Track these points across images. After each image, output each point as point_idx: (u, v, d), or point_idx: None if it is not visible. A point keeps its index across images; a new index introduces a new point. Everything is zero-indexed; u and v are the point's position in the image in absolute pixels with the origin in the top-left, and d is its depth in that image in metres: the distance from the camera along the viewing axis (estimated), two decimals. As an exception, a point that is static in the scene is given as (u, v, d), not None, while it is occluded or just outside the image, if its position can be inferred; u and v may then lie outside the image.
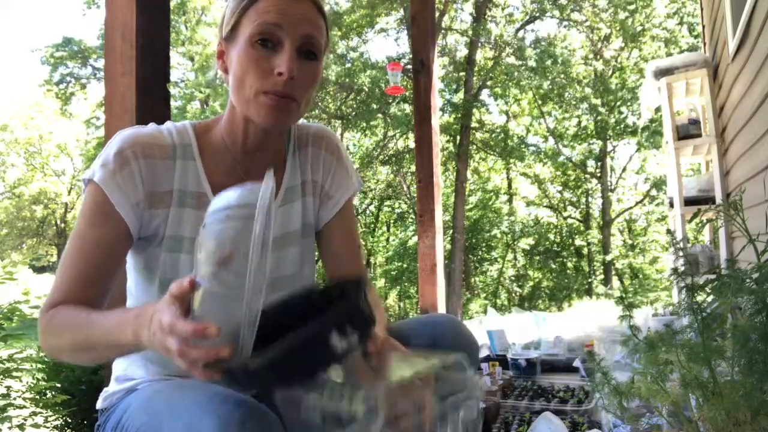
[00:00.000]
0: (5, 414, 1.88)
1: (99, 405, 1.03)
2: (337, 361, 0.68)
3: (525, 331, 3.66)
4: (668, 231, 1.45)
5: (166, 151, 0.95)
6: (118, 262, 0.94)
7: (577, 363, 2.65)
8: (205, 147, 0.99)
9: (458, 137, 14.89)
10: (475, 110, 15.36)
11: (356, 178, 1.15)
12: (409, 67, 4.26)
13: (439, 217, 3.67)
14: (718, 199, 3.40)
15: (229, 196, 0.71)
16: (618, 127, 15.65)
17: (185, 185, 0.96)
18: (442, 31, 14.12)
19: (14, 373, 2.05)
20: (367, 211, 18.89)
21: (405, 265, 16.35)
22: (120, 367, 1.03)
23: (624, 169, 18.23)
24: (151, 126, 0.98)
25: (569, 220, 18.79)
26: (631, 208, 18.01)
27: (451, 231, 14.19)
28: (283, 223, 1.05)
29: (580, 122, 16.78)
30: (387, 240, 19.46)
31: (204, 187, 0.97)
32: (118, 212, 0.90)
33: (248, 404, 0.73)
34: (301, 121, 1.05)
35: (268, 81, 0.90)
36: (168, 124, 0.99)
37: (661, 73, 3.76)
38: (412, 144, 13.71)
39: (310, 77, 0.93)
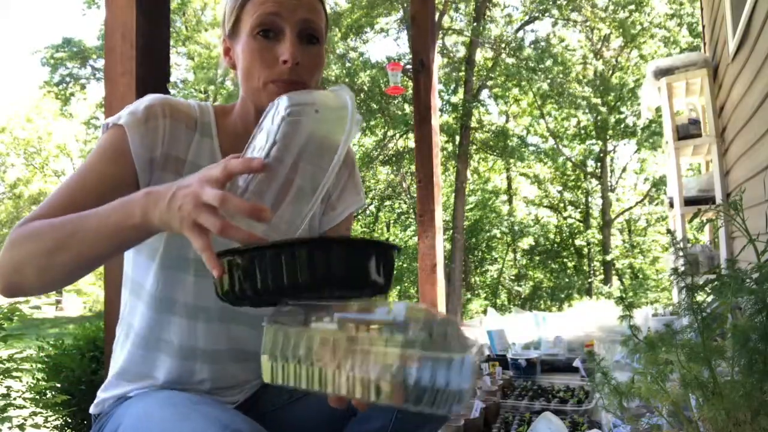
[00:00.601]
0: (5, 414, 1.88)
1: (92, 410, 1.02)
2: (357, 287, 0.65)
3: (525, 331, 3.66)
4: (668, 231, 1.45)
5: (190, 121, 0.98)
6: None
7: (577, 363, 2.65)
8: (221, 128, 1.02)
9: (458, 137, 14.88)
10: (474, 110, 15.35)
11: (363, 194, 1.17)
12: (409, 67, 4.26)
13: (439, 217, 3.67)
14: (718, 199, 3.40)
15: (283, 99, 0.73)
16: (618, 127, 15.64)
17: (199, 159, 0.97)
18: (442, 31, 14.12)
19: (14, 373, 2.05)
20: (367, 211, 18.87)
21: (405, 265, 16.32)
22: (116, 364, 1.01)
23: (624, 169, 18.24)
24: (179, 98, 1.01)
25: (569, 220, 18.77)
26: (631, 208, 18.00)
27: (451, 231, 14.18)
28: (291, 220, 1.05)
29: (579, 122, 16.77)
30: (387, 240, 19.36)
31: None
32: (132, 157, 0.89)
33: None
34: None
35: (273, 70, 0.91)
36: (192, 101, 1.02)
37: (661, 73, 3.76)
38: (412, 144, 13.70)
39: (314, 61, 0.95)
